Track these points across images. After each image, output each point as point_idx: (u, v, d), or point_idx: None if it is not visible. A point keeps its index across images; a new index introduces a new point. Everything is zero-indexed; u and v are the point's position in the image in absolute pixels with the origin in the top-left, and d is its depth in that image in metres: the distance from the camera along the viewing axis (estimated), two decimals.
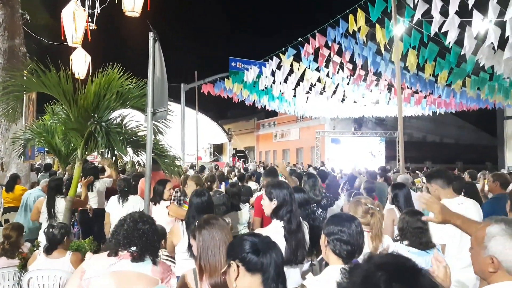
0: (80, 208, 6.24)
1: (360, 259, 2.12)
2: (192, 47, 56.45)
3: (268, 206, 3.05)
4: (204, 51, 57.61)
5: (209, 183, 6.86)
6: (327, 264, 2.25)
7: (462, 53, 9.03)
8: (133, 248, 2.32)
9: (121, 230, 2.40)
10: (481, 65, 9.28)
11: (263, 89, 16.09)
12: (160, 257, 2.51)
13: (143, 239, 2.37)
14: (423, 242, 3.05)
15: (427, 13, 8.24)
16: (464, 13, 7.68)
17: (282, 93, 16.11)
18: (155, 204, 4.83)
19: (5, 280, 3.97)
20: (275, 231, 2.98)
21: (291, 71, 13.54)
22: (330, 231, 2.16)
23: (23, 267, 3.91)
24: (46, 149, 9.16)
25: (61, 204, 5.12)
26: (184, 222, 3.43)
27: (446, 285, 1.75)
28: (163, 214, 4.53)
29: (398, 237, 3.23)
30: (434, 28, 8.18)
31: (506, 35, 7.29)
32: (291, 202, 3.04)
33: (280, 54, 12.92)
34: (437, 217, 2.17)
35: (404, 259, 1.12)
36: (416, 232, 3.09)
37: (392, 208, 4.35)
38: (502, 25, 7.36)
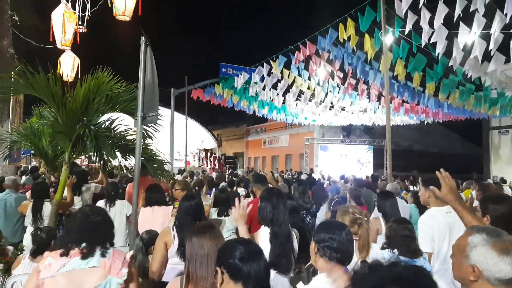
0: (67, 212, 6.17)
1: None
2: (182, 52, 56.40)
3: None
4: (194, 57, 57.60)
5: (197, 188, 6.84)
6: (314, 272, 2.25)
7: (450, 64, 9.19)
8: (83, 245, 2.32)
9: (74, 225, 2.40)
10: (468, 76, 9.45)
11: (253, 95, 16.13)
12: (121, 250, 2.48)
13: (95, 232, 2.36)
14: (412, 250, 3.07)
15: (416, 24, 8.37)
16: (452, 25, 7.83)
17: (272, 99, 16.18)
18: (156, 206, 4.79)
19: None
20: (263, 237, 2.99)
21: (281, 78, 13.62)
22: (321, 238, 2.17)
23: (6, 271, 3.84)
24: (32, 151, 9.04)
25: (47, 208, 5.06)
26: (174, 226, 3.41)
27: None
28: (158, 218, 4.53)
29: (385, 245, 3.25)
30: (424, 39, 8.30)
31: (489, 48, 7.47)
32: (275, 206, 3.08)
33: (271, 61, 12.98)
34: (443, 190, 2.35)
35: (427, 280, 1.11)
36: (404, 240, 3.11)
37: (377, 217, 4.38)
38: (487, 37, 7.53)
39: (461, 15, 7.21)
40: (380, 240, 4.03)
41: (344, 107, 18.08)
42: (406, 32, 8.72)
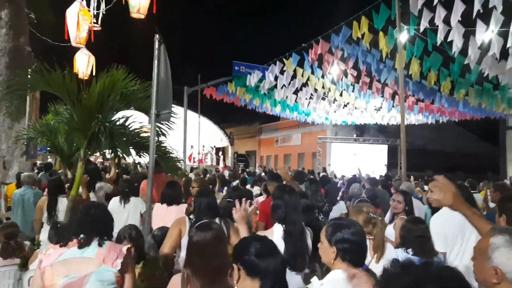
0: None
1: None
2: (195, 50, 56.64)
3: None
4: (207, 55, 57.77)
5: (210, 186, 6.87)
6: (328, 270, 2.23)
7: (465, 62, 9.04)
8: (82, 236, 2.47)
9: (75, 218, 2.62)
10: (485, 74, 9.28)
11: (265, 94, 16.08)
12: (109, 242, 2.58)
13: (94, 223, 2.52)
14: (426, 250, 3.04)
15: (431, 22, 8.25)
16: (468, 22, 7.70)
17: (285, 98, 16.13)
18: (174, 204, 4.81)
19: (5, 278, 3.96)
20: (277, 235, 2.98)
21: (294, 76, 13.57)
22: (339, 239, 2.14)
23: (23, 266, 3.91)
24: (48, 148, 9.17)
25: (62, 203, 5.12)
26: (189, 218, 3.44)
27: None
28: (171, 215, 4.57)
29: (399, 245, 3.22)
30: (440, 37, 8.18)
31: (507, 46, 7.31)
32: (288, 204, 3.06)
33: (284, 59, 12.94)
34: (447, 200, 2.14)
35: (462, 280, 1.11)
36: (418, 240, 3.08)
37: (403, 218, 4.34)
38: (505, 35, 7.38)
39: (481, 11, 7.07)
40: None
41: (357, 107, 17.92)
42: (421, 30, 8.60)
